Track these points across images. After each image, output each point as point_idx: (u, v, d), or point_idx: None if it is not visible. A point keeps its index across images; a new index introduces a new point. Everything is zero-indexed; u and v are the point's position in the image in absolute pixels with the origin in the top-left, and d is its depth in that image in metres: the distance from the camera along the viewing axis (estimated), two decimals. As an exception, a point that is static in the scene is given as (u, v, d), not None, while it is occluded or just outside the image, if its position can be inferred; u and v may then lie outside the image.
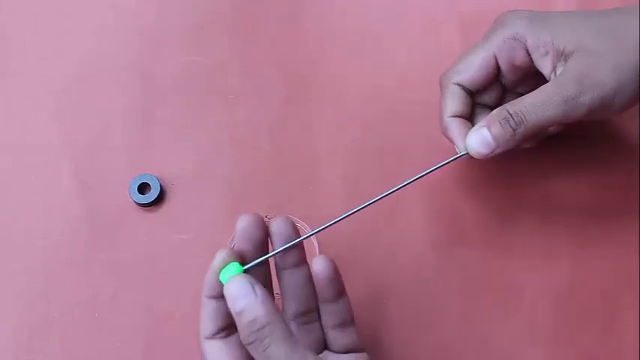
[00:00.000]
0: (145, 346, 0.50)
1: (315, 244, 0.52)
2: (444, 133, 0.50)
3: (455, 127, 0.49)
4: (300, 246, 0.43)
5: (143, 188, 0.54)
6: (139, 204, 0.53)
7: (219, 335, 0.40)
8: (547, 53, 0.47)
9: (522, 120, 0.46)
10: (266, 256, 0.42)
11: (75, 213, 0.53)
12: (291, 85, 0.58)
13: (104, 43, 0.58)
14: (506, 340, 0.52)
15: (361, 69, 0.58)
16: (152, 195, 0.53)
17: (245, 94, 0.57)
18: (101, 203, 0.53)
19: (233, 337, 0.40)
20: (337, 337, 0.43)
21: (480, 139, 0.47)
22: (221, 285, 0.40)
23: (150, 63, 0.57)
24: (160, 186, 0.53)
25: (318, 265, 0.42)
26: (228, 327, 0.40)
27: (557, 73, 0.47)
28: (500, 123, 0.47)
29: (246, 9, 0.59)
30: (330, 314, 0.43)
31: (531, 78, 0.50)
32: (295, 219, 0.53)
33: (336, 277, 0.43)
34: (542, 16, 0.48)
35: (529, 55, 0.48)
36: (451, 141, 0.50)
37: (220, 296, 0.40)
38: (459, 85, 0.50)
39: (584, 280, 0.53)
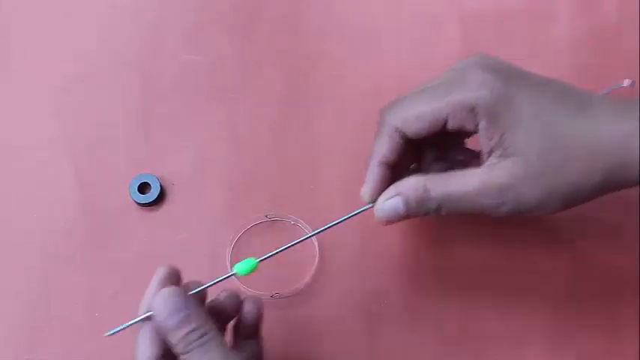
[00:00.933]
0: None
1: (316, 245, 0.52)
2: (367, 170, 0.46)
3: (377, 175, 0.45)
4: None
5: (143, 188, 0.54)
6: (139, 204, 0.53)
7: None
8: (491, 139, 0.42)
9: (439, 207, 0.43)
10: (215, 281, 0.43)
11: (75, 213, 0.53)
12: (291, 85, 0.58)
13: (104, 43, 0.58)
14: (506, 340, 0.52)
15: (361, 69, 0.58)
16: (152, 195, 0.53)
17: (245, 94, 0.57)
18: (101, 203, 0.53)
19: None
20: None
21: (392, 209, 0.44)
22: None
23: (150, 62, 0.57)
24: (160, 186, 0.53)
25: (249, 306, 0.44)
26: (165, 355, 0.40)
27: (492, 160, 0.42)
28: (417, 202, 0.44)
29: (246, 8, 0.59)
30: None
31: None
32: (295, 219, 0.53)
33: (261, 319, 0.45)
34: (507, 97, 0.42)
35: (477, 128, 0.43)
36: (365, 180, 0.46)
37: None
38: (399, 131, 0.45)
39: (584, 280, 0.53)
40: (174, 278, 0.42)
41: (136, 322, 0.41)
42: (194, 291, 0.42)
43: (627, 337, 0.52)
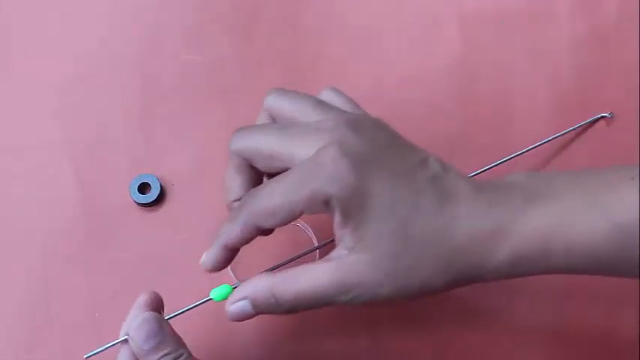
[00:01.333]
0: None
1: (315, 244, 0.52)
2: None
3: (220, 256, 0.44)
4: None
5: (143, 188, 0.54)
6: (139, 204, 0.53)
7: None
8: (343, 230, 0.40)
9: (292, 308, 0.41)
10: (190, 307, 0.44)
11: (75, 213, 0.53)
12: (291, 84, 0.57)
13: (104, 43, 0.58)
14: (506, 340, 0.52)
15: (361, 69, 0.58)
16: (152, 195, 0.53)
17: (245, 94, 0.57)
18: (101, 203, 0.53)
19: None
20: None
21: (241, 311, 0.42)
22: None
23: (150, 62, 0.57)
24: (160, 186, 0.53)
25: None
26: None
27: (341, 252, 0.40)
28: (266, 306, 0.41)
29: (246, 8, 0.59)
30: None
31: None
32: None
33: None
34: (361, 192, 0.39)
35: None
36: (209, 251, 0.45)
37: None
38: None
39: (584, 280, 0.53)
40: (154, 304, 0.43)
41: (114, 345, 0.42)
42: (169, 317, 0.43)
43: (627, 337, 0.52)
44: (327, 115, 0.43)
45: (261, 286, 0.41)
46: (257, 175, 0.44)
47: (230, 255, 0.43)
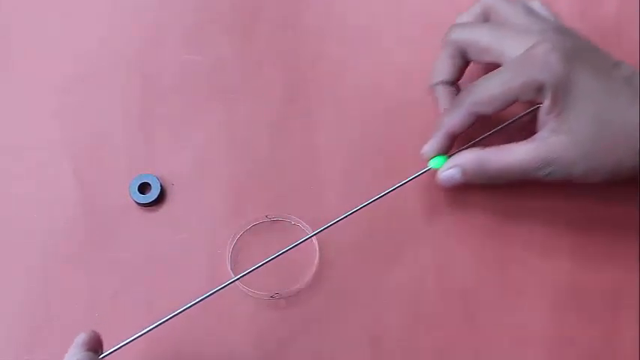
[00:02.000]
0: (144, 346, 0.50)
1: (316, 245, 0.52)
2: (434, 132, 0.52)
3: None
4: None
5: (143, 188, 0.54)
6: (139, 204, 0.53)
7: None
8: (549, 115, 0.48)
9: (494, 177, 0.50)
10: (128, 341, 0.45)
11: (75, 213, 0.53)
12: (291, 85, 0.58)
13: (104, 43, 0.58)
14: (506, 340, 0.52)
15: (361, 69, 0.58)
16: (152, 195, 0.53)
17: (245, 94, 0.57)
18: (101, 203, 0.53)
19: None
20: None
21: (451, 177, 0.51)
22: None
23: (150, 62, 0.57)
24: (160, 186, 0.53)
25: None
26: None
27: (544, 134, 0.48)
28: (474, 171, 0.50)
29: (246, 8, 0.59)
30: None
31: None
32: (295, 219, 0.53)
33: None
34: (569, 81, 0.47)
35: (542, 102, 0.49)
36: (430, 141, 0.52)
37: None
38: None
39: (584, 280, 0.53)
40: (92, 343, 0.44)
41: None
42: (104, 354, 0.44)
43: (627, 337, 0.52)
44: (536, 20, 0.51)
45: (471, 156, 0.50)
46: (465, 65, 0.53)
47: (450, 143, 0.51)
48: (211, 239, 0.53)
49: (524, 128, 0.51)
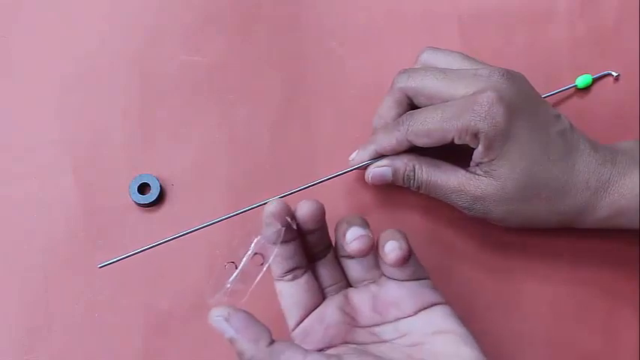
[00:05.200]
0: (144, 346, 0.50)
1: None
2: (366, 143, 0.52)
3: (370, 156, 0.52)
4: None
5: (143, 188, 0.54)
6: (139, 204, 0.53)
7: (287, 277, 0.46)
8: (482, 159, 0.48)
9: (419, 187, 0.51)
10: None
11: (75, 213, 0.53)
12: (291, 85, 0.58)
13: (104, 43, 0.58)
14: (506, 340, 0.52)
15: (361, 68, 0.58)
16: (152, 195, 0.53)
17: (245, 94, 0.57)
18: (101, 203, 0.53)
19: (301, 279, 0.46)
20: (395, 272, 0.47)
21: (379, 175, 0.51)
22: None
23: (150, 63, 0.57)
24: (160, 186, 0.53)
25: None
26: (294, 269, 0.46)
27: (476, 171, 0.49)
28: (404, 178, 0.51)
29: (245, 8, 0.59)
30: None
31: None
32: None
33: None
34: (506, 135, 0.47)
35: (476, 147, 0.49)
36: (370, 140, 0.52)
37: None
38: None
39: (584, 280, 0.53)
40: (284, 213, 0.45)
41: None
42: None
43: (627, 337, 0.52)
44: (477, 65, 0.51)
45: (406, 159, 0.51)
46: (409, 110, 0.52)
47: (375, 158, 0.52)
48: (211, 240, 0.52)
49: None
